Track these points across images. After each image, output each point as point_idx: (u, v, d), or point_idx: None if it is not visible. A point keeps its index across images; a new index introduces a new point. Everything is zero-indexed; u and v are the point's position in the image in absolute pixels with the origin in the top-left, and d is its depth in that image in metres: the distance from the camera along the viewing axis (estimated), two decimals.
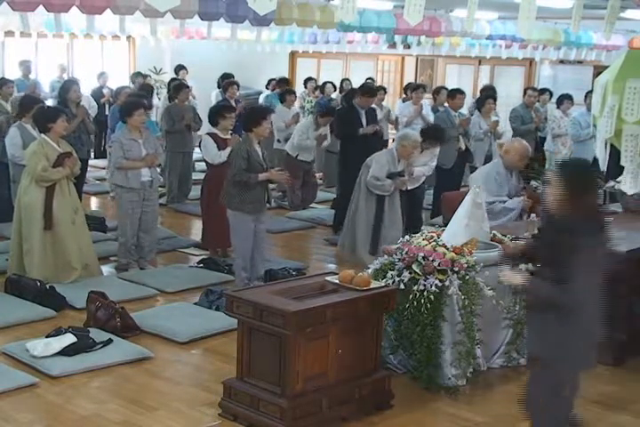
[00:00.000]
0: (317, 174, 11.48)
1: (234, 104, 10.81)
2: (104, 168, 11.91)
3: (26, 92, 10.89)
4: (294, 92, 11.84)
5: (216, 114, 7.92)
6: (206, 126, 8.37)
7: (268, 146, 8.52)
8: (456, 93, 10.12)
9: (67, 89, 9.15)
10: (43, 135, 7.00)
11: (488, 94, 10.68)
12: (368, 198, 7.81)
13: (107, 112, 11.56)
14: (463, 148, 9.79)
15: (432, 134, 8.21)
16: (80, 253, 7.06)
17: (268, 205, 7.06)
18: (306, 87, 14.38)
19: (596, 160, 5.68)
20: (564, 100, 11.20)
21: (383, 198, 7.78)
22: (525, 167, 7.01)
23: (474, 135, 9.95)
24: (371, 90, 9.58)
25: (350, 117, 9.24)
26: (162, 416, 4.73)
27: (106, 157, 11.69)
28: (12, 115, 8.68)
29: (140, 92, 10.75)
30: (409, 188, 8.05)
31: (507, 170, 6.80)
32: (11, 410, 4.75)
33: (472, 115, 10.43)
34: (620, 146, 5.03)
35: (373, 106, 9.72)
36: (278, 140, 10.99)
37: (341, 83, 14.00)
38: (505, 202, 6.68)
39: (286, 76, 16.99)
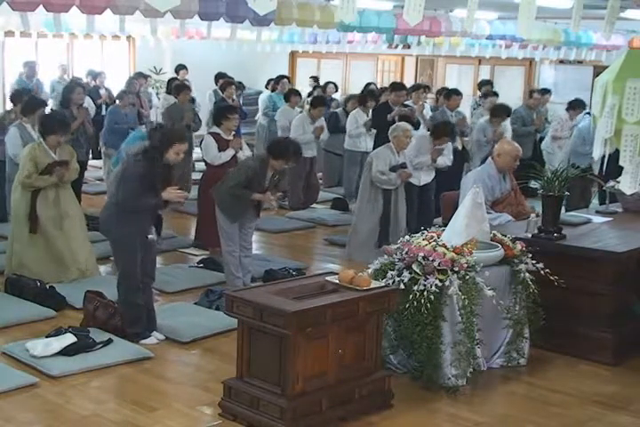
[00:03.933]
0: (318, 174, 11.46)
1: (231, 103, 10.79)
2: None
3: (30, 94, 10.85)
4: (299, 93, 11.81)
5: (219, 115, 7.92)
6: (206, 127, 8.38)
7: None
8: (452, 94, 10.52)
9: (71, 90, 9.14)
10: (41, 140, 6.97)
11: (507, 110, 10.12)
12: (374, 194, 8.03)
13: (103, 113, 11.48)
14: (460, 147, 9.83)
15: (442, 131, 8.49)
16: (72, 257, 7.02)
17: (257, 218, 7.07)
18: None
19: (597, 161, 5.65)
20: (577, 106, 10.82)
21: (389, 193, 8.02)
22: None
23: (476, 140, 9.97)
24: (400, 86, 10.42)
25: (385, 113, 9.88)
26: (162, 416, 4.72)
27: (102, 158, 11.67)
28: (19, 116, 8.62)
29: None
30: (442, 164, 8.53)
31: (499, 173, 6.81)
32: (11, 410, 4.74)
33: (474, 109, 10.44)
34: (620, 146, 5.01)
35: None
36: None
37: (345, 85, 13.95)
38: (491, 216, 6.30)
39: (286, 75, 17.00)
